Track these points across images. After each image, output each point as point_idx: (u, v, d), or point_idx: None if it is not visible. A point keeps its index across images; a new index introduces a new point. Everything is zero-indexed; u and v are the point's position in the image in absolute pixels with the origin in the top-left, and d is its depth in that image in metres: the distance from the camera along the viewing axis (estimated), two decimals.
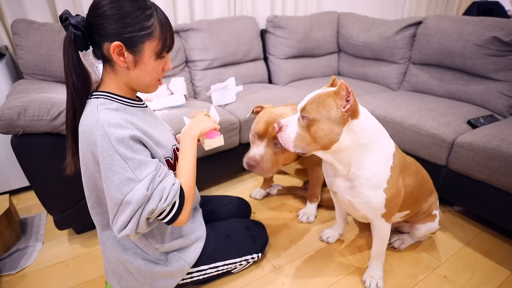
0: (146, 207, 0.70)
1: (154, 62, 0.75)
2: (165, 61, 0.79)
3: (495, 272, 1.17)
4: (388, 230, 1.02)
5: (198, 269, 1.00)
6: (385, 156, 0.90)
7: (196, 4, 2.08)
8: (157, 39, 0.72)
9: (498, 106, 1.59)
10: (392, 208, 0.95)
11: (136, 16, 0.69)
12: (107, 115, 0.70)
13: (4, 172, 1.59)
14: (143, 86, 0.80)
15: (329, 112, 0.81)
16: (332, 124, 0.81)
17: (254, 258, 1.13)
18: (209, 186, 1.76)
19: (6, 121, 1.01)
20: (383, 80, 2.14)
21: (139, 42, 0.71)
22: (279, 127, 0.89)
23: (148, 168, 0.71)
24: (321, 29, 2.30)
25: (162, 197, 0.72)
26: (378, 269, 1.10)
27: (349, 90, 0.78)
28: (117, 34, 0.69)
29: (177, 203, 0.75)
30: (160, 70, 0.78)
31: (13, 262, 1.21)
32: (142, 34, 0.70)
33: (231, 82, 1.92)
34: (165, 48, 0.75)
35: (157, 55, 0.74)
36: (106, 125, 0.68)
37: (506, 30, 1.53)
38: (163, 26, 0.73)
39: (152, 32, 0.71)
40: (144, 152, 0.73)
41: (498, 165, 1.18)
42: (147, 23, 0.70)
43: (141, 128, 0.76)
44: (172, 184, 0.74)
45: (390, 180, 0.91)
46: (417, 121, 1.46)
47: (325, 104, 0.82)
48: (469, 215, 1.49)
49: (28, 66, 1.47)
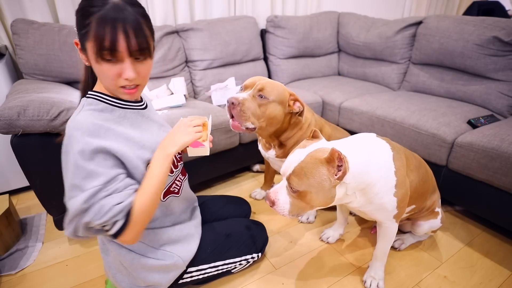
0: (82, 219, 0.68)
1: (99, 65, 0.69)
2: (121, 67, 0.70)
3: (496, 272, 1.17)
4: (395, 230, 1.02)
5: (198, 268, 1.00)
6: (385, 169, 0.89)
7: (196, 4, 2.08)
8: (92, 39, 0.66)
9: (498, 106, 1.59)
10: (402, 207, 0.96)
11: (81, 14, 0.68)
12: (85, 118, 0.71)
13: (4, 172, 1.58)
14: (109, 90, 0.76)
15: (321, 184, 0.77)
16: (325, 192, 0.79)
17: (254, 257, 1.13)
18: (209, 186, 1.76)
19: (6, 121, 1.01)
20: (383, 80, 2.14)
21: (83, 41, 0.69)
22: (271, 202, 0.85)
23: (96, 180, 0.68)
24: (321, 29, 2.30)
25: (99, 214, 0.67)
26: (379, 269, 1.10)
27: (342, 157, 0.75)
28: (77, 30, 0.70)
29: (119, 223, 0.70)
30: (114, 76, 0.70)
31: (13, 262, 1.21)
32: (82, 32, 0.68)
33: (231, 82, 1.92)
34: (103, 50, 0.66)
35: (96, 57, 0.68)
36: (76, 128, 0.69)
37: (507, 30, 1.53)
38: (100, 25, 0.65)
39: (88, 32, 0.66)
40: (103, 162, 0.70)
41: (499, 165, 1.18)
42: (85, 21, 0.67)
43: (119, 133, 0.75)
44: (116, 204, 0.69)
45: (398, 184, 0.91)
46: (417, 121, 1.46)
47: (316, 174, 0.77)
48: (469, 215, 1.49)
49: (28, 66, 1.47)
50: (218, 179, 1.82)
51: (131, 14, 0.67)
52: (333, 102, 1.88)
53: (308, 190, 0.79)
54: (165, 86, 1.79)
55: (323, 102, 1.95)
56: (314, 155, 0.79)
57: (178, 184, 0.93)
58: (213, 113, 1.55)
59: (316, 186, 0.78)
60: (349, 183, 0.82)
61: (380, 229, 1.04)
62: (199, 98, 1.98)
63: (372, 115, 1.64)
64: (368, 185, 0.86)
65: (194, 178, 1.58)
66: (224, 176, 1.84)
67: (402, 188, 0.92)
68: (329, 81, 2.17)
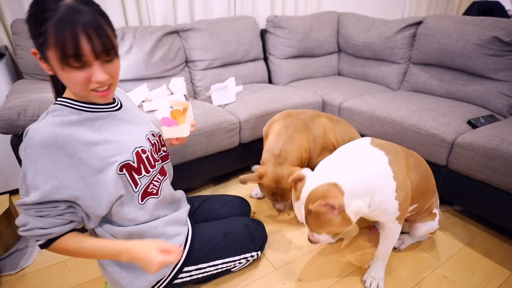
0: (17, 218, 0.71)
1: (65, 73, 0.66)
2: (90, 71, 0.67)
3: (495, 272, 1.17)
4: (399, 232, 1.02)
5: (197, 267, 1.00)
6: (383, 177, 0.90)
7: (196, 4, 2.08)
8: (53, 46, 0.62)
9: (498, 106, 1.59)
10: (405, 209, 0.96)
11: (33, 21, 0.63)
12: (42, 125, 0.68)
13: (4, 172, 1.59)
14: (80, 96, 0.74)
15: (332, 222, 0.86)
16: (340, 222, 0.86)
17: (253, 256, 1.13)
18: (209, 186, 1.76)
19: (6, 121, 1.01)
20: (383, 80, 2.14)
21: (42, 49, 0.65)
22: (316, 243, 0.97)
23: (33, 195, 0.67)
24: (321, 29, 2.30)
25: (23, 227, 0.70)
26: (380, 270, 1.09)
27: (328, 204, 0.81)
28: (33, 39, 0.66)
29: (40, 243, 0.74)
30: (83, 80, 0.67)
31: (13, 262, 1.21)
32: (40, 41, 0.64)
33: (231, 82, 1.92)
34: (67, 56, 0.62)
35: (62, 64, 0.64)
36: (31, 137, 0.67)
37: (507, 30, 1.53)
38: (59, 31, 0.61)
39: (46, 40, 0.62)
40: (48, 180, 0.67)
41: (498, 165, 1.18)
42: (40, 29, 0.62)
43: (81, 138, 0.71)
44: (39, 228, 0.70)
45: (398, 187, 0.91)
46: (417, 121, 1.46)
47: (322, 221, 0.86)
48: (469, 215, 1.49)
49: (28, 66, 1.47)
50: (218, 179, 1.82)
51: (88, 15, 0.63)
52: (333, 102, 1.88)
53: (329, 230, 0.89)
54: (165, 86, 1.79)
55: (323, 102, 1.95)
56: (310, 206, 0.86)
57: (156, 184, 0.88)
58: (213, 113, 1.55)
59: (330, 226, 0.87)
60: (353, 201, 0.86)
61: (383, 230, 1.03)
62: (199, 98, 1.98)
63: (372, 115, 1.64)
64: (370, 195, 0.89)
65: (194, 178, 1.58)
66: (224, 176, 1.84)
67: (403, 190, 0.92)
68: (329, 81, 2.17)
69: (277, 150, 1.28)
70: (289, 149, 1.28)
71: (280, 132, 1.32)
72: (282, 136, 1.31)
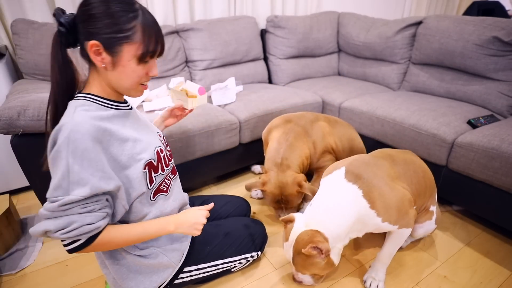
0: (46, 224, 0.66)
1: (135, 66, 0.73)
2: (149, 66, 0.77)
3: (496, 272, 1.17)
4: (407, 235, 1.01)
5: (197, 267, 1.00)
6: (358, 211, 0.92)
7: (196, 4, 2.08)
8: (137, 43, 0.71)
9: (498, 106, 1.59)
10: (402, 218, 0.95)
11: (117, 18, 0.68)
12: (82, 118, 0.69)
13: (4, 172, 1.59)
14: (124, 89, 0.78)
15: (317, 265, 0.93)
16: (324, 265, 0.93)
17: (253, 256, 1.13)
18: (209, 186, 1.76)
19: (6, 121, 1.01)
20: (383, 80, 2.14)
21: (116, 44, 0.70)
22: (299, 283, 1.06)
23: (82, 190, 0.66)
24: (321, 29, 2.30)
25: (66, 228, 0.67)
26: (381, 271, 1.09)
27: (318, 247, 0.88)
28: (96, 34, 0.69)
29: (80, 242, 0.70)
30: (143, 74, 0.76)
31: (13, 262, 1.21)
32: (120, 36, 0.69)
33: (231, 82, 1.92)
34: (148, 53, 0.73)
35: (138, 59, 0.72)
36: (75, 130, 0.66)
37: (507, 30, 1.53)
38: (146, 30, 0.71)
39: (131, 36, 0.70)
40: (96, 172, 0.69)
41: (499, 165, 1.18)
42: (126, 26, 0.69)
43: (115, 134, 0.74)
44: (87, 224, 0.68)
45: (379, 213, 0.92)
46: (417, 121, 1.46)
47: (308, 264, 0.93)
48: (469, 215, 1.49)
49: (28, 66, 1.47)
50: (218, 179, 1.82)
51: (154, 19, 0.74)
52: (333, 102, 1.88)
53: (312, 272, 0.96)
54: (165, 86, 1.79)
55: (323, 102, 1.95)
56: (298, 249, 0.93)
57: (167, 182, 0.92)
58: (213, 113, 1.55)
59: (315, 268, 0.93)
60: (336, 244, 0.93)
61: (391, 233, 1.03)
62: None
63: (372, 115, 1.64)
64: (352, 230, 0.95)
65: (194, 178, 1.58)
66: (224, 176, 1.84)
67: (388, 211, 0.92)
68: (329, 81, 2.17)
69: (279, 159, 1.30)
70: (291, 157, 1.31)
71: (280, 139, 1.34)
72: (283, 144, 1.33)
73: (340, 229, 0.92)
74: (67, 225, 0.67)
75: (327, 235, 0.91)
